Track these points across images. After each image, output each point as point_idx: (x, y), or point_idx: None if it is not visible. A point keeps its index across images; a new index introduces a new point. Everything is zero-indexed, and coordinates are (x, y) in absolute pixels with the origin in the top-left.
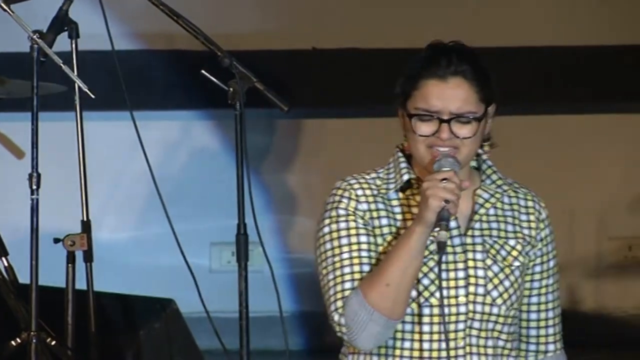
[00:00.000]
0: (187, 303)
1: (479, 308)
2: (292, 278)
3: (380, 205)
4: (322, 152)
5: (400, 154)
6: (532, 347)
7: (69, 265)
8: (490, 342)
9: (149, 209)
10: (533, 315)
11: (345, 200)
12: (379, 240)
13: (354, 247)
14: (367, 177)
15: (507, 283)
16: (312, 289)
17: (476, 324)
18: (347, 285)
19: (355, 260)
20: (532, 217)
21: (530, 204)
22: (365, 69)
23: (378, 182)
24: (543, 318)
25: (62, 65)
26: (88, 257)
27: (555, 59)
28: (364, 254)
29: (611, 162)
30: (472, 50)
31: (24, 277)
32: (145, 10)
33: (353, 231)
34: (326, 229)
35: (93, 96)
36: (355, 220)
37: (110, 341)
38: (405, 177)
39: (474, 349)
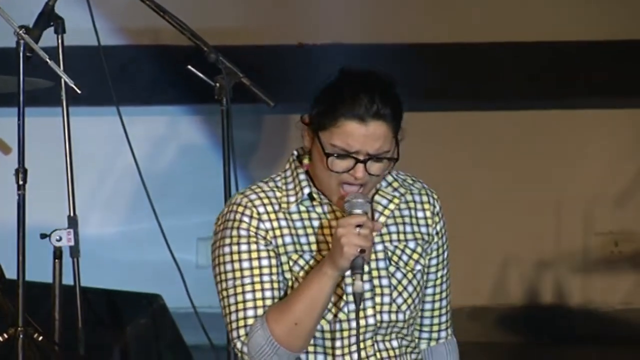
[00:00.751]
0: (174, 298)
1: (385, 317)
2: None
3: (283, 223)
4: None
5: (298, 163)
6: (425, 335)
7: (56, 260)
8: (395, 343)
9: (136, 205)
10: (427, 306)
11: (246, 219)
12: (284, 258)
13: (256, 271)
14: (265, 188)
15: (410, 288)
16: None
17: (382, 331)
18: (250, 312)
19: (257, 286)
20: (427, 213)
21: (425, 198)
22: (352, 64)
23: (278, 193)
24: (437, 307)
25: (48, 60)
26: (75, 252)
27: (542, 55)
28: (265, 278)
29: (597, 157)
30: (390, 85)
31: (10, 273)
32: (131, 5)
33: (254, 254)
34: (227, 249)
35: (79, 91)
36: (257, 242)
37: (97, 336)
38: (307, 190)
39: (384, 354)
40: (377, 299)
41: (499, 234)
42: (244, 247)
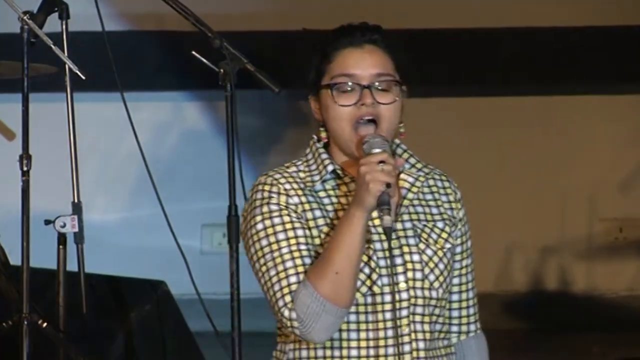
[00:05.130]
0: (178, 285)
1: (419, 293)
2: None
3: (310, 198)
4: (313, 133)
5: (319, 144)
6: (455, 329)
7: (60, 246)
8: (430, 327)
9: (140, 191)
10: (455, 297)
11: (275, 195)
12: (315, 232)
13: (292, 241)
14: (289, 170)
15: (441, 266)
16: None
17: (419, 309)
18: (293, 279)
19: (296, 254)
20: (450, 198)
21: (446, 184)
22: None
23: (301, 175)
24: (464, 299)
25: (52, 46)
26: (79, 238)
27: (545, 41)
28: (303, 247)
29: (602, 143)
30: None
31: (15, 259)
32: None
33: (289, 225)
34: (260, 226)
35: (83, 77)
36: (289, 215)
37: (102, 323)
38: (330, 168)
39: (419, 335)
40: (410, 274)
41: (504, 221)
42: (277, 220)
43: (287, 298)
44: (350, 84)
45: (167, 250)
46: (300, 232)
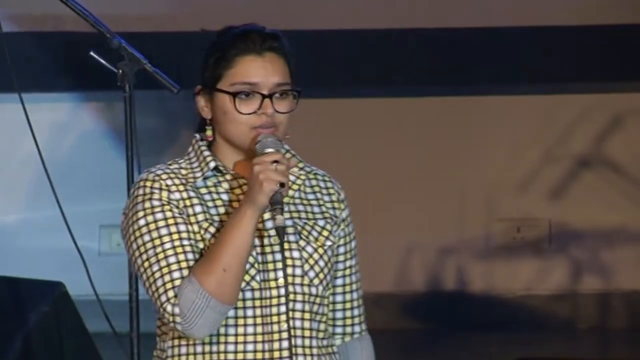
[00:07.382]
0: (76, 286)
1: (298, 289)
2: None
3: (192, 194)
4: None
5: (201, 143)
6: (339, 330)
7: None
8: (311, 324)
9: (38, 192)
10: (338, 298)
11: (157, 191)
12: (195, 227)
13: (175, 236)
14: (171, 167)
15: (321, 263)
16: None
17: (298, 306)
18: (176, 274)
19: (179, 250)
20: (333, 198)
21: (329, 185)
22: None
23: (183, 171)
24: (348, 300)
25: None
26: None
27: (444, 42)
28: (185, 242)
29: (499, 144)
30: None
31: None
32: None
33: (171, 220)
34: (142, 222)
35: None
36: (171, 210)
37: None
38: (212, 165)
39: (298, 332)
40: (289, 270)
41: (402, 221)
42: (159, 215)
43: (170, 293)
44: (251, 92)
45: (66, 252)
46: (182, 228)
